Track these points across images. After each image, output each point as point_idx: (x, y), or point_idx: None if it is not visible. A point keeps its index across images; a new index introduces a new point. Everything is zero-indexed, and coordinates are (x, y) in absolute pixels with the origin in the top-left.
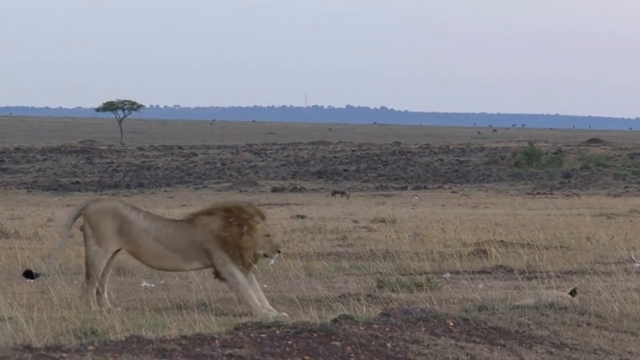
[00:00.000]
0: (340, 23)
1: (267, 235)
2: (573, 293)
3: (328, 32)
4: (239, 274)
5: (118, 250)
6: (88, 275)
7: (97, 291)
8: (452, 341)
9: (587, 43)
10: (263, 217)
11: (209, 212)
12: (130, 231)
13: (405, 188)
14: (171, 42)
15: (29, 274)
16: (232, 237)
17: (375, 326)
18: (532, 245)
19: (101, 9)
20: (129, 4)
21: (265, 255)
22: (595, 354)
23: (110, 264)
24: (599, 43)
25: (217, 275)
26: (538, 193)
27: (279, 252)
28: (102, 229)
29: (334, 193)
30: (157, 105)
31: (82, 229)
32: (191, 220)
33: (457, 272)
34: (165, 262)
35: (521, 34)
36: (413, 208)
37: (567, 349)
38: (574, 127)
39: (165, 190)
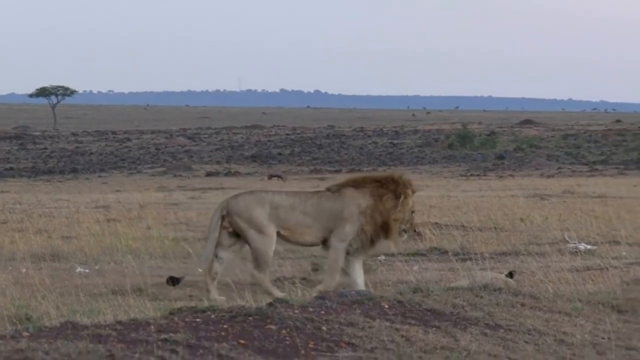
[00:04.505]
0: (272, 5)
1: (413, 212)
2: (510, 275)
3: (260, 15)
4: (343, 255)
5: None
6: (259, 266)
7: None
8: (387, 323)
9: (519, 22)
10: (414, 191)
11: (357, 184)
12: (279, 213)
13: (340, 171)
14: (103, 27)
15: (174, 280)
16: (385, 210)
17: (311, 309)
18: (466, 226)
19: None
20: None
21: (404, 231)
22: (529, 334)
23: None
24: (532, 22)
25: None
26: (472, 175)
27: (415, 231)
28: (259, 218)
29: (271, 177)
30: (91, 91)
31: (226, 227)
32: (337, 190)
33: (392, 255)
34: (313, 235)
35: (454, 15)
36: None
37: (502, 330)
38: (507, 108)
39: (100, 176)
